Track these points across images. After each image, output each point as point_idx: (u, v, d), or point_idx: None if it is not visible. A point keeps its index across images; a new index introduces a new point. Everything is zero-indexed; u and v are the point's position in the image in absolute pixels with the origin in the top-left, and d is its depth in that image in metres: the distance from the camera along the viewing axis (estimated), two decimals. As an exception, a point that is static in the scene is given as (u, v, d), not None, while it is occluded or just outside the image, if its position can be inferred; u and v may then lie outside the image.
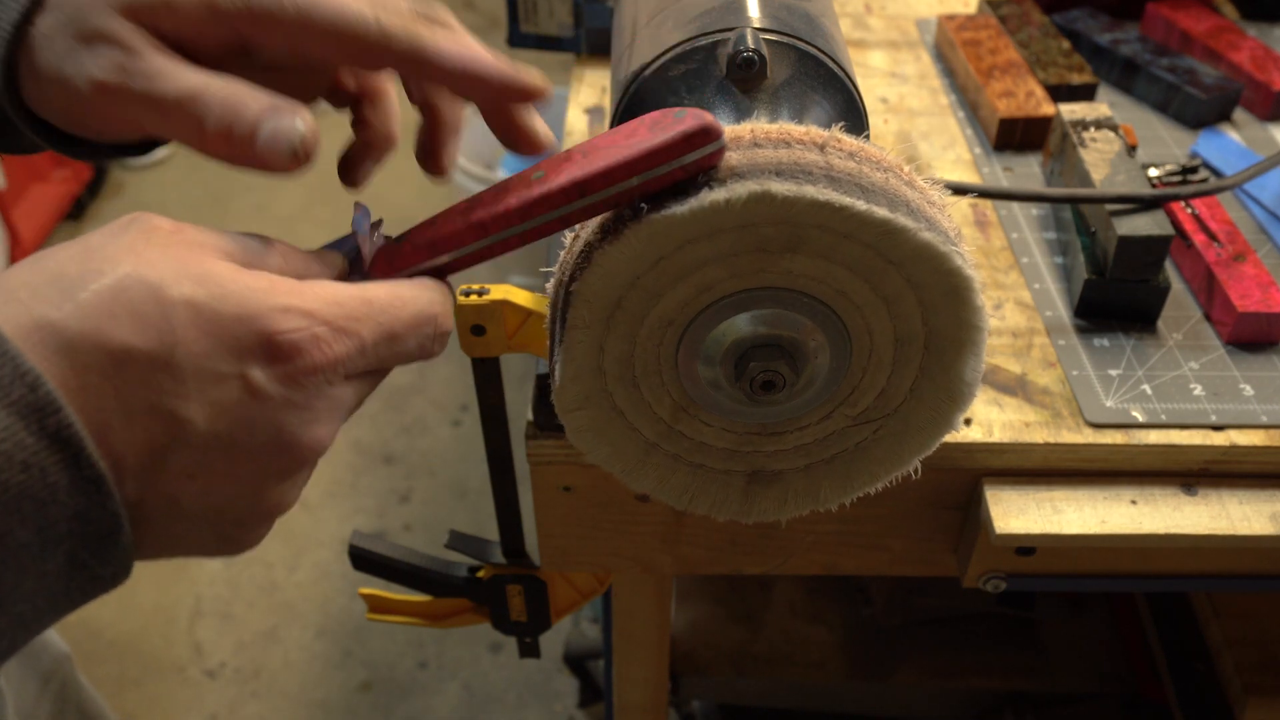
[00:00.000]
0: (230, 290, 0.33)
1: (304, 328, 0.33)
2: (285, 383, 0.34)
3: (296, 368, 0.34)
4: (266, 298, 0.33)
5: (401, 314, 0.37)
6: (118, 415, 0.31)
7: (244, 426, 0.33)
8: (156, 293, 0.31)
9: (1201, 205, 0.71)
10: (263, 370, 0.33)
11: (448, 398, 1.98)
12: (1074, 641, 1.09)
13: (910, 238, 0.42)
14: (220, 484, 0.34)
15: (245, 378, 0.33)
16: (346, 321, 0.35)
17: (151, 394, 0.31)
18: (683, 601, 1.12)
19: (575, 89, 0.90)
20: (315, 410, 0.35)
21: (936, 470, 0.59)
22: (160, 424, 0.32)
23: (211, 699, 1.53)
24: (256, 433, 0.34)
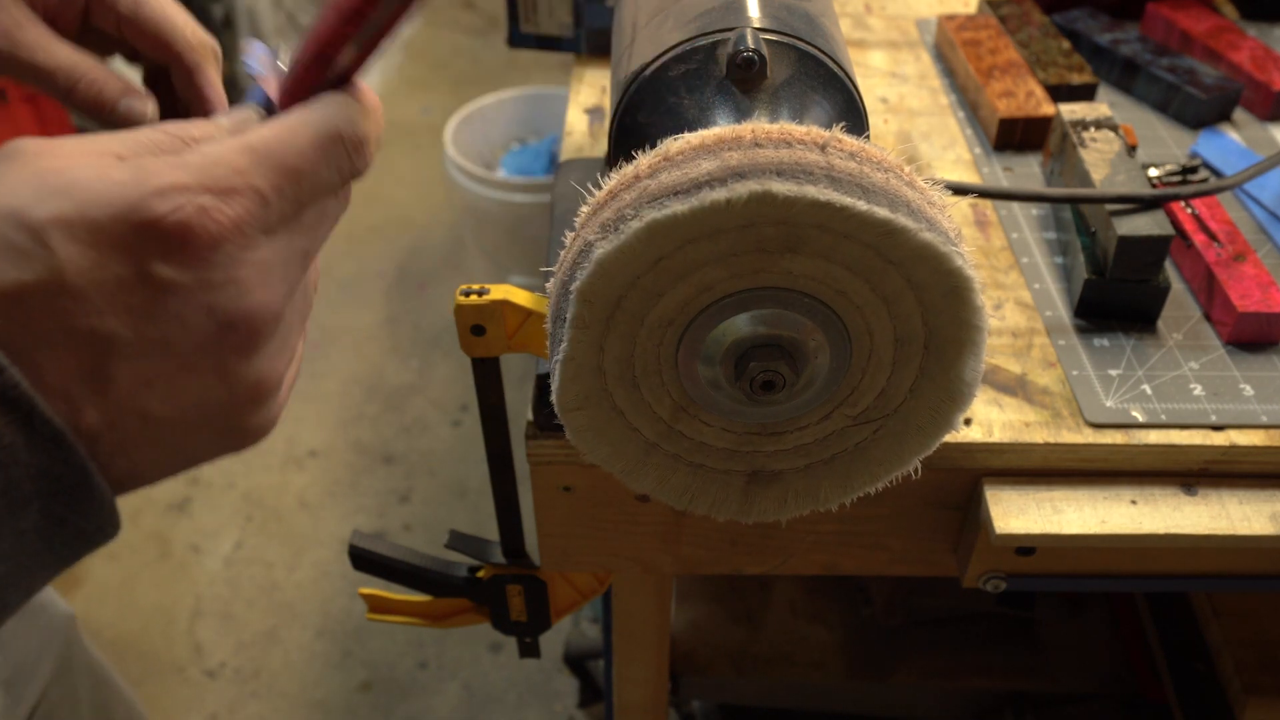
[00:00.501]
0: (95, 191, 0.30)
1: (184, 203, 0.31)
2: (191, 266, 0.31)
3: (195, 246, 0.31)
4: (136, 187, 0.31)
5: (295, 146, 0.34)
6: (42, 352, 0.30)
7: (172, 321, 0.31)
8: (22, 219, 0.29)
9: (1201, 205, 0.71)
10: (161, 260, 0.31)
11: (448, 398, 1.98)
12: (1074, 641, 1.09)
13: (911, 238, 0.42)
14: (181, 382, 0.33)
15: (147, 275, 0.31)
16: (231, 178, 0.32)
17: (61, 321, 0.30)
18: (683, 601, 1.12)
19: (575, 89, 0.90)
20: (241, 280, 0.32)
21: (936, 470, 0.59)
22: (86, 346, 0.30)
23: (211, 699, 1.53)
24: (188, 323, 0.32)
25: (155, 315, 0.31)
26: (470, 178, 1.88)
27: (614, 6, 0.67)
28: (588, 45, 0.92)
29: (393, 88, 2.88)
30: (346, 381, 2.02)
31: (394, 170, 2.57)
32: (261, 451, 1.88)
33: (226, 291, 0.32)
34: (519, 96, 2.11)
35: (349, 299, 2.20)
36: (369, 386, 2.01)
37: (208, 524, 1.77)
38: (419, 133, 2.68)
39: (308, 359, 2.06)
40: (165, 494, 1.79)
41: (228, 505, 1.80)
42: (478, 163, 2.01)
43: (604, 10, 0.89)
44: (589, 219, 0.45)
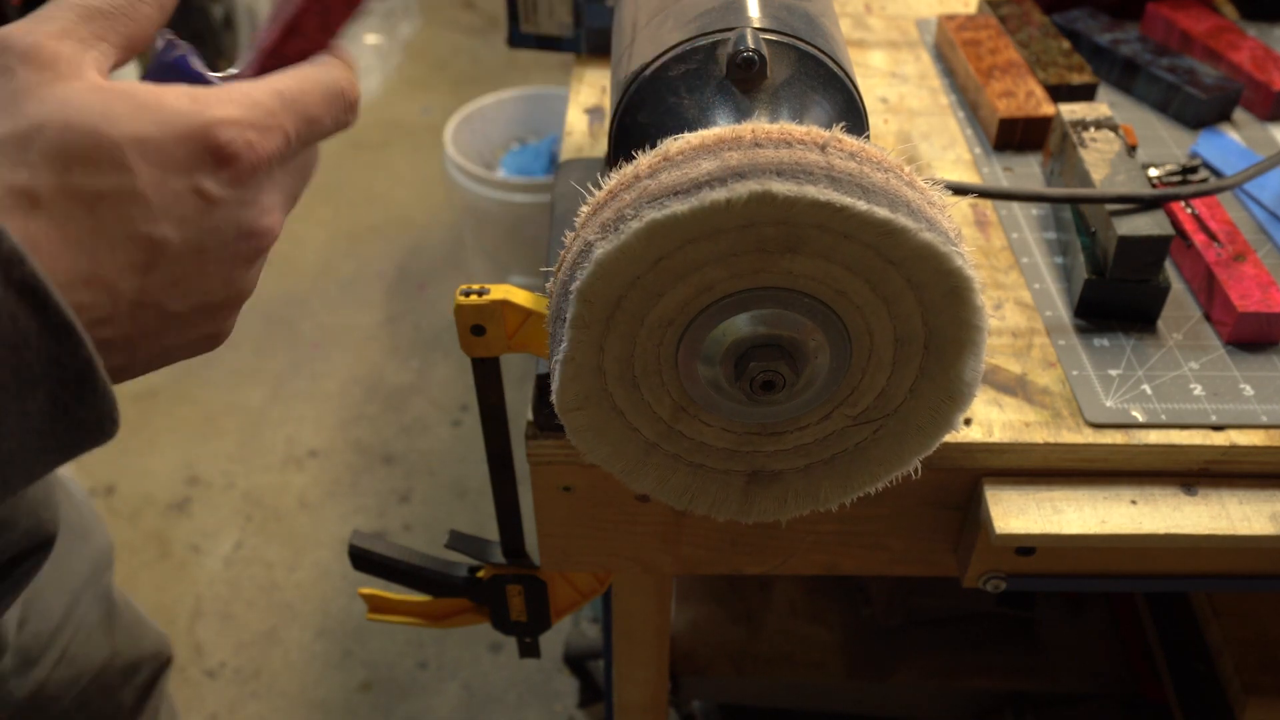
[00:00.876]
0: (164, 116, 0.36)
1: (237, 135, 0.37)
2: (233, 185, 0.38)
3: (239, 170, 0.38)
4: (198, 115, 0.37)
5: (314, 97, 0.41)
6: (104, 250, 0.35)
7: (209, 231, 0.38)
8: (102, 136, 0.35)
9: (1201, 205, 0.71)
10: (212, 179, 0.37)
11: (448, 398, 1.98)
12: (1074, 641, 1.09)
13: (911, 238, 0.42)
14: (199, 282, 0.39)
15: (199, 189, 0.37)
16: (269, 119, 0.39)
17: (127, 224, 0.35)
18: (683, 601, 1.12)
19: (575, 89, 0.90)
20: (263, 202, 0.40)
21: (936, 470, 0.59)
22: (140, 248, 0.36)
23: (211, 699, 1.53)
24: (221, 232, 0.38)
25: (199, 223, 0.37)
26: (470, 178, 1.88)
27: (614, 6, 0.68)
28: (588, 45, 0.92)
29: (393, 88, 2.88)
30: (346, 381, 2.02)
31: (394, 170, 2.57)
32: (261, 451, 1.88)
33: (252, 210, 0.39)
34: (519, 96, 2.11)
35: (349, 299, 2.20)
36: (369, 386, 2.01)
37: (208, 524, 1.76)
38: (419, 133, 2.68)
39: (308, 359, 2.06)
40: (165, 494, 1.80)
41: (228, 505, 1.80)
42: (478, 163, 2.01)
43: (604, 10, 0.89)
44: (589, 219, 0.45)
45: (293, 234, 2.39)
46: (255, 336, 2.12)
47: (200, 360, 2.05)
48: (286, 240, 2.37)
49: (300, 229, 2.41)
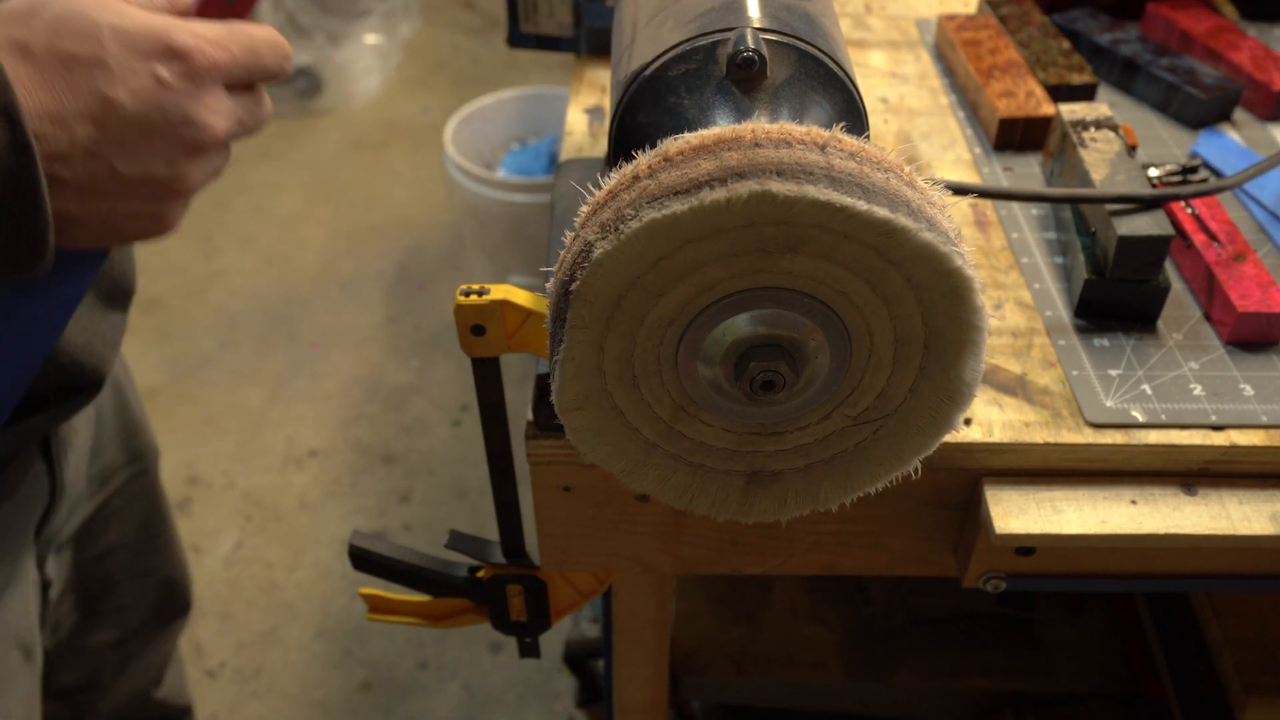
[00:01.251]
0: (139, 17, 0.47)
1: (192, 40, 0.47)
2: (184, 77, 0.47)
3: (190, 65, 0.47)
4: (165, 22, 0.47)
5: (258, 37, 0.51)
6: (68, 96, 0.45)
7: (158, 108, 0.47)
8: (88, 19, 0.46)
9: (1201, 205, 0.71)
10: (166, 67, 0.47)
11: (448, 398, 1.98)
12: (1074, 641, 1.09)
13: (911, 238, 0.42)
14: (145, 152, 0.47)
15: (155, 73, 0.47)
16: (220, 39, 0.49)
17: (89, 81, 0.45)
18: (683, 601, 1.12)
19: (575, 89, 0.90)
20: (208, 102, 0.48)
21: (936, 470, 0.59)
22: (98, 102, 0.46)
23: (211, 699, 1.53)
24: (168, 112, 0.47)
25: (149, 98, 0.46)
26: (470, 178, 1.88)
27: (614, 6, 0.67)
28: (587, 45, 0.92)
29: (393, 88, 2.88)
30: (346, 381, 2.02)
31: (394, 170, 2.57)
32: (261, 451, 1.88)
33: (198, 102, 0.48)
34: (519, 96, 2.11)
35: (349, 299, 2.20)
36: (369, 386, 2.01)
37: (208, 524, 1.77)
38: (419, 133, 2.68)
39: (308, 359, 2.06)
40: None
41: (228, 505, 1.80)
42: (478, 163, 2.01)
43: (604, 10, 0.89)
44: (589, 219, 0.45)
45: (293, 234, 2.39)
46: (255, 336, 2.12)
47: (200, 360, 2.05)
48: (286, 240, 2.37)
49: (300, 229, 2.41)
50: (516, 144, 2.14)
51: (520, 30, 0.93)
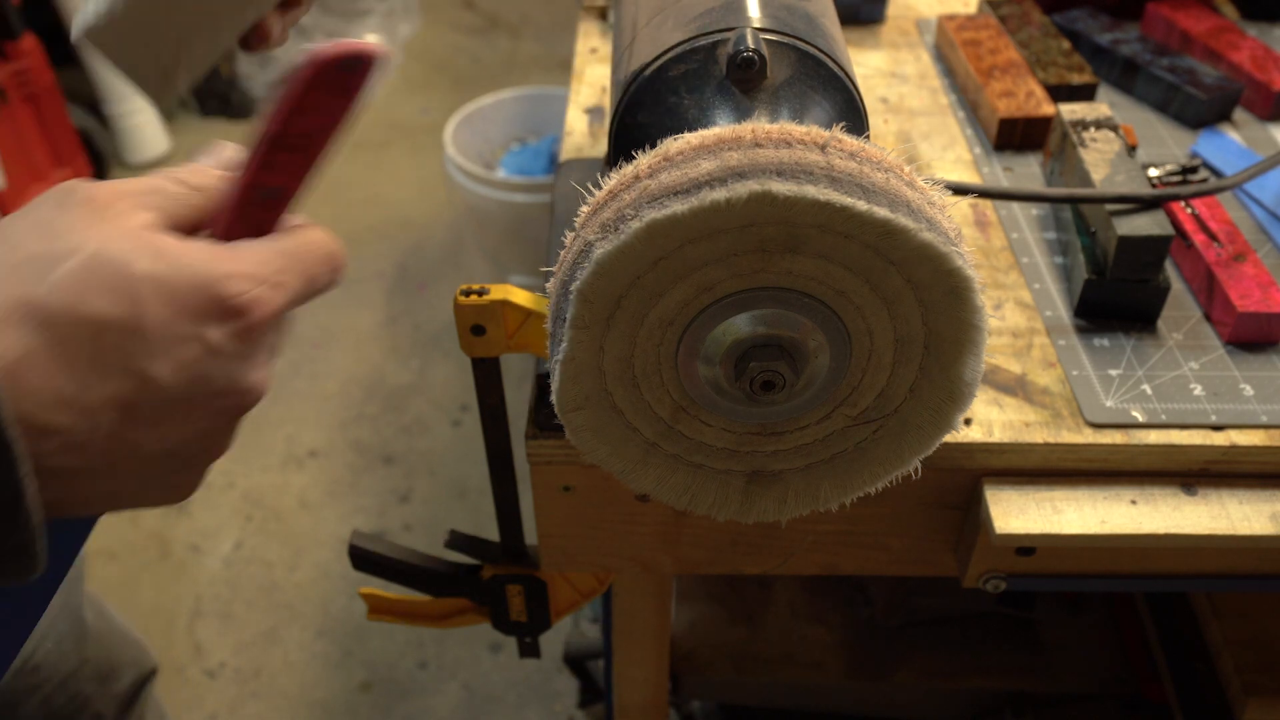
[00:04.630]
0: (184, 263, 0.37)
1: (248, 290, 0.38)
2: (237, 338, 0.39)
3: (247, 324, 0.38)
4: (215, 266, 0.38)
5: (313, 257, 0.42)
6: (94, 374, 0.36)
7: (202, 379, 0.38)
8: (122, 269, 0.36)
9: (1201, 205, 0.71)
10: (218, 329, 0.38)
11: (448, 398, 1.98)
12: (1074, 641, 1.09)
13: (911, 238, 0.42)
14: (178, 429, 0.39)
15: (203, 337, 0.38)
16: (278, 276, 0.40)
17: (124, 356, 0.36)
18: (683, 601, 1.12)
19: (575, 89, 0.90)
20: (257, 358, 0.40)
21: (936, 470, 0.59)
22: (131, 381, 0.36)
23: (211, 699, 1.53)
24: (213, 383, 0.39)
25: (194, 369, 0.38)
26: (470, 178, 1.88)
27: (614, 6, 0.67)
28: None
29: (393, 88, 2.88)
30: (346, 381, 2.02)
31: (394, 170, 2.57)
32: (261, 451, 1.88)
33: (246, 364, 0.40)
34: (519, 96, 2.11)
35: (349, 299, 2.20)
36: (369, 386, 2.01)
37: (208, 524, 1.76)
38: (419, 133, 2.68)
39: (308, 359, 2.06)
40: (165, 494, 1.79)
41: (228, 505, 1.80)
42: (478, 163, 2.01)
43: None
44: (589, 219, 0.45)
45: (293, 234, 2.38)
46: (255, 336, 2.11)
47: (200, 360, 2.05)
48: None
49: (300, 229, 2.40)
50: (516, 144, 2.14)
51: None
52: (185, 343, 0.37)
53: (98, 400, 0.36)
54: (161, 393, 0.37)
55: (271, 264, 0.40)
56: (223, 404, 0.40)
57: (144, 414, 0.37)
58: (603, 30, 0.99)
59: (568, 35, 2.98)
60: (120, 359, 0.36)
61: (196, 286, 0.37)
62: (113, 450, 0.37)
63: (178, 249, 0.38)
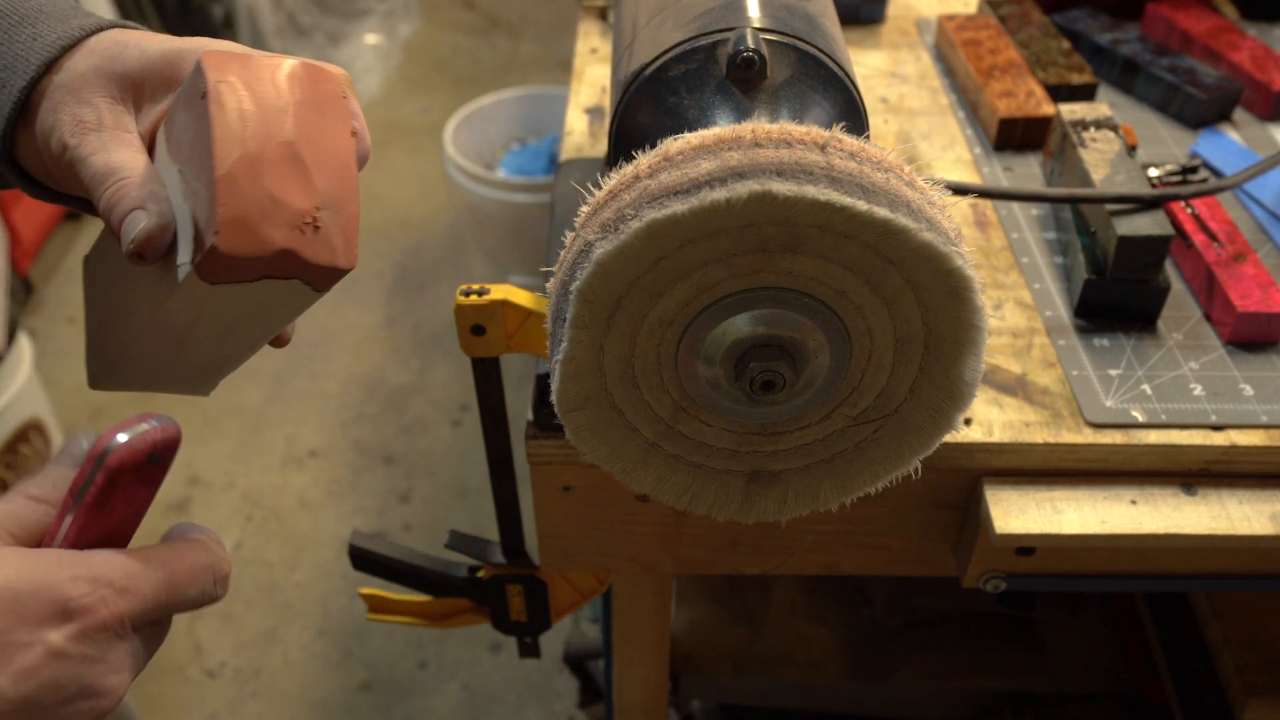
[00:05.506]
0: (24, 569, 0.38)
1: (90, 591, 0.38)
2: (80, 640, 0.38)
3: (88, 625, 0.38)
4: (57, 570, 0.38)
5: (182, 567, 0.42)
6: None
7: (47, 686, 0.38)
8: None
9: (1201, 205, 0.71)
10: (59, 632, 0.38)
11: (448, 398, 1.98)
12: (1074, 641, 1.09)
13: (911, 238, 0.42)
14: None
15: (45, 642, 0.37)
16: (127, 580, 0.40)
17: None
18: (683, 601, 1.12)
19: (575, 89, 0.90)
20: (110, 661, 0.39)
21: (936, 470, 0.59)
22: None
23: (211, 699, 1.53)
24: (61, 689, 0.38)
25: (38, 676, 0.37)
26: (470, 178, 1.88)
27: (614, 6, 0.67)
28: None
29: (393, 88, 2.88)
30: (346, 381, 2.02)
31: (394, 170, 2.57)
32: (261, 451, 1.88)
33: (98, 667, 0.39)
34: (519, 96, 2.11)
35: (349, 299, 2.20)
36: (369, 386, 2.01)
37: (208, 524, 1.76)
38: (419, 133, 2.68)
39: (308, 359, 2.06)
40: (165, 494, 1.79)
41: (228, 505, 1.80)
42: (478, 163, 2.01)
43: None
44: (589, 219, 0.45)
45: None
46: (255, 336, 2.11)
47: (200, 360, 2.05)
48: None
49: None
50: (516, 144, 2.14)
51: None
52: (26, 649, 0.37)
53: None
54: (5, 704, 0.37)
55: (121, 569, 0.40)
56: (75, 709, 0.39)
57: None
58: (603, 30, 0.99)
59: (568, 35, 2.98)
60: None
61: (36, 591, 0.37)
62: None
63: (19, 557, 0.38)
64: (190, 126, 0.43)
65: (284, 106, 0.42)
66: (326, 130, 0.43)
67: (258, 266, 0.42)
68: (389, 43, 2.92)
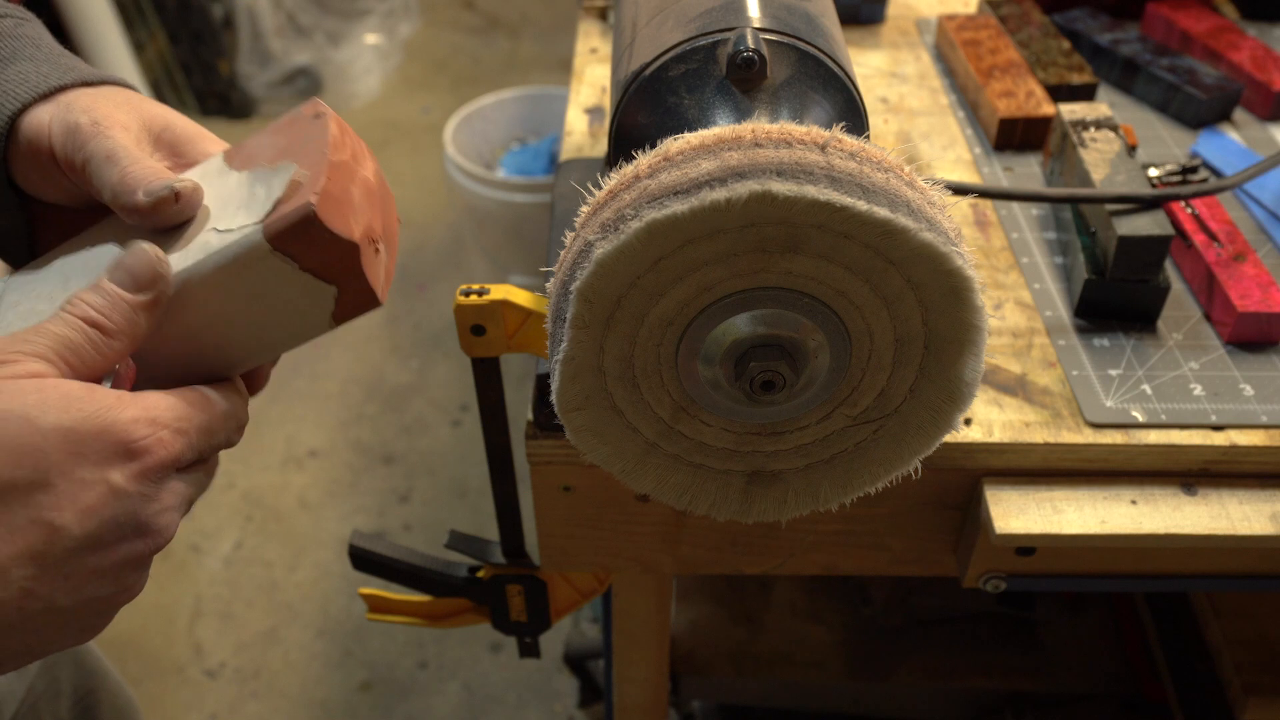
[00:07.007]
0: (89, 410, 0.39)
1: (150, 433, 0.40)
2: (140, 479, 0.40)
3: (147, 465, 0.40)
4: (119, 411, 0.39)
5: (214, 412, 0.44)
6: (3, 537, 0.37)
7: (109, 523, 0.39)
8: (30, 424, 0.37)
9: (1201, 205, 0.71)
10: (120, 471, 0.39)
11: (448, 398, 1.98)
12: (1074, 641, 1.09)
13: (911, 238, 0.42)
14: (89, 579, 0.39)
15: (108, 481, 0.39)
16: (179, 423, 0.42)
17: (31, 510, 0.37)
18: (683, 601, 1.12)
19: (575, 89, 0.90)
20: (163, 501, 0.41)
21: (937, 470, 0.59)
22: (40, 532, 0.37)
23: (211, 699, 1.53)
24: (121, 526, 0.39)
25: (100, 514, 0.39)
26: (470, 178, 1.88)
27: (614, 6, 0.67)
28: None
29: (393, 88, 2.88)
30: (346, 381, 2.02)
31: (394, 170, 2.57)
32: (261, 451, 1.88)
33: (152, 506, 0.40)
34: (519, 96, 2.11)
35: (349, 299, 2.20)
36: (369, 386, 2.01)
37: (208, 524, 1.76)
38: (419, 133, 2.68)
39: (308, 359, 2.06)
40: (165, 494, 1.79)
41: (227, 505, 1.80)
42: (478, 163, 2.01)
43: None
44: (589, 219, 0.45)
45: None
46: (255, 336, 2.11)
47: (200, 360, 2.05)
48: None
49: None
50: (516, 144, 2.14)
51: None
52: (91, 487, 0.38)
53: (7, 558, 0.37)
54: (71, 540, 0.38)
55: (174, 410, 0.42)
56: (131, 547, 0.40)
57: (53, 564, 0.38)
58: (603, 30, 0.99)
59: (568, 35, 2.98)
60: (27, 513, 0.37)
61: (100, 431, 0.38)
62: (27, 607, 0.38)
63: (83, 395, 0.39)
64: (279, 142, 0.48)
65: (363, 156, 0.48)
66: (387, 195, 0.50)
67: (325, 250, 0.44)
68: (389, 43, 2.92)
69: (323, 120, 0.47)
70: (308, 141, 0.46)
